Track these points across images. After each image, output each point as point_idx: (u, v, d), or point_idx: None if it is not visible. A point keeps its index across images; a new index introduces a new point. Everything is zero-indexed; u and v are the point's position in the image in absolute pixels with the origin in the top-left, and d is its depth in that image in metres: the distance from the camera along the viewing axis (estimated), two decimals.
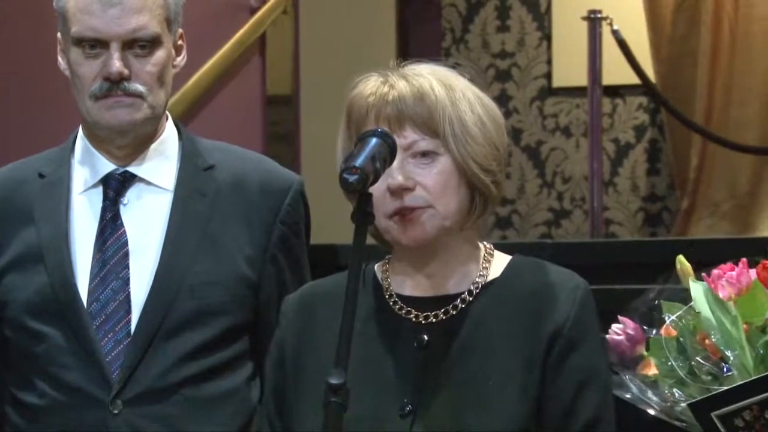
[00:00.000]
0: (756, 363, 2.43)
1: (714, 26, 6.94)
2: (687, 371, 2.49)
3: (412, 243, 2.37)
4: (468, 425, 2.31)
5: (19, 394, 2.77)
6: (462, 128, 2.37)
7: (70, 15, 2.76)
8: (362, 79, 2.42)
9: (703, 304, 2.47)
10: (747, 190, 6.91)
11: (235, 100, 6.12)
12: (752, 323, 2.45)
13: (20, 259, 2.79)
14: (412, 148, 2.35)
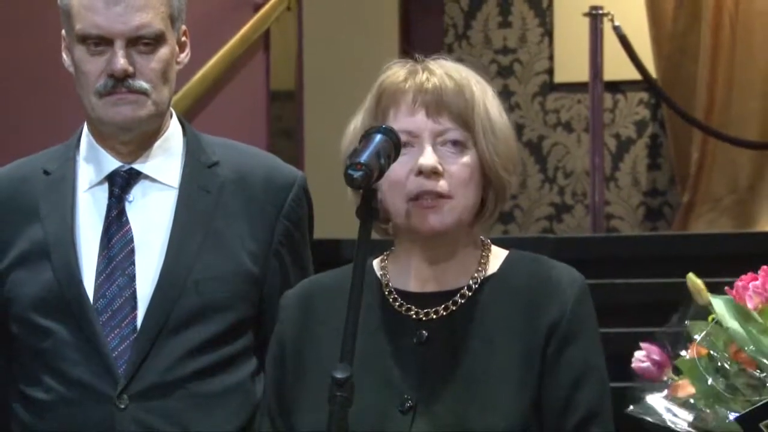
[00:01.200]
0: None
1: (714, 22, 6.94)
2: (725, 387, 2.49)
3: (430, 232, 2.37)
4: (469, 421, 2.31)
5: (26, 390, 2.77)
6: (491, 127, 2.39)
7: (74, 12, 2.76)
8: (392, 66, 2.43)
9: (729, 318, 2.47)
10: (747, 184, 6.91)
11: (239, 96, 6.12)
12: None
13: (26, 256, 2.79)
14: (444, 135, 2.36)
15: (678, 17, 6.98)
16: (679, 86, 6.93)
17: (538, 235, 7.02)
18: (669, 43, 7.02)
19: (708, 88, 6.94)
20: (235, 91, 6.05)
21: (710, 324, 2.48)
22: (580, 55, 6.75)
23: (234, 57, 6.04)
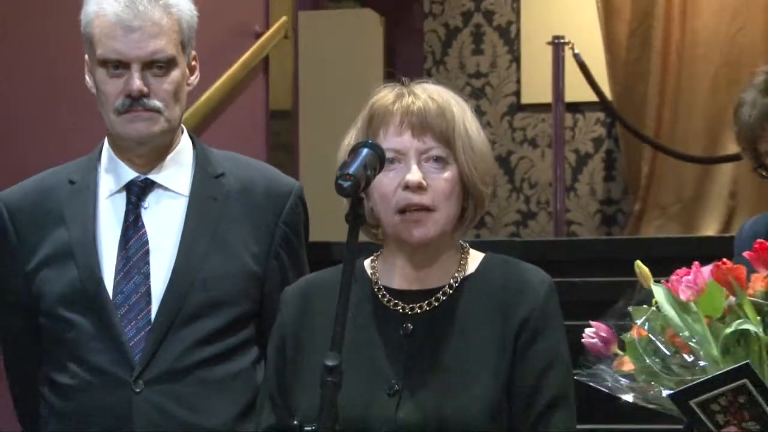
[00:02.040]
0: (722, 353, 2.43)
1: (663, 50, 6.95)
2: (661, 366, 2.49)
3: (416, 243, 2.37)
4: (448, 403, 2.31)
5: (53, 375, 2.77)
6: (470, 144, 2.39)
7: (96, 39, 2.76)
8: (383, 89, 2.43)
9: (667, 306, 2.48)
10: (692, 195, 6.92)
11: (242, 114, 6.12)
12: (712, 317, 2.45)
13: (53, 257, 2.78)
14: (428, 153, 2.36)
15: (631, 46, 6.99)
16: (631, 107, 6.94)
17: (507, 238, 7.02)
18: (623, 69, 7.02)
19: (657, 109, 6.95)
20: (238, 109, 6.05)
21: (650, 310, 2.49)
22: (543, 79, 6.75)
23: (237, 79, 6.04)
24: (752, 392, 2.37)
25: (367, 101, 2.44)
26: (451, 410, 2.30)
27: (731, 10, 6.88)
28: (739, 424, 2.40)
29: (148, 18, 2.74)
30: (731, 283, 2.44)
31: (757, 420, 2.39)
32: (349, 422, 2.18)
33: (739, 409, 2.40)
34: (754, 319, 2.41)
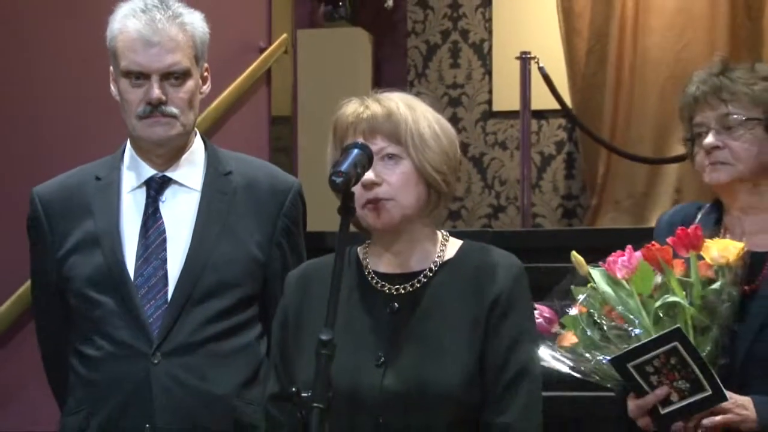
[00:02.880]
0: (653, 323, 2.45)
1: (617, 65, 6.95)
2: (600, 337, 2.50)
3: (381, 227, 2.37)
4: (428, 373, 2.31)
5: (81, 348, 2.77)
6: (420, 139, 2.36)
7: (119, 53, 2.76)
8: (345, 103, 2.42)
9: (603, 285, 2.49)
10: (642, 191, 6.92)
11: (248, 119, 6.12)
12: (643, 293, 2.47)
13: (81, 244, 2.79)
14: (381, 153, 2.35)
15: (589, 60, 6.98)
16: (589, 114, 6.93)
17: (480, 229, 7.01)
18: (581, 81, 7.02)
19: (612, 116, 6.94)
20: (244, 115, 6.05)
21: (589, 289, 2.51)
22: (512, 89, 6.74)
23: (243, 89, 6.04)
24: (682, 353, 2.39)
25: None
26: (430, 379, 2.30)
27: (677, 29, 6.88)
28: (671, 384, 2.42)
29: (166, 34, 2.74)
30: (659, 262, 2.47)
31: (686, 379, 2.41)
32: (341, 389, 2.18)
33: (671, 370, 2.41)
34: (680, 293, 2.44)
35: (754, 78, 2.62)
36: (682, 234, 2.50)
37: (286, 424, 2.40)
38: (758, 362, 2.51)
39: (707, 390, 2.41)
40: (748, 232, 2.61)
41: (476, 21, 7.38)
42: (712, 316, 2.45)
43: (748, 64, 2.71)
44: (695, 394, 2.42)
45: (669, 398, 2.44)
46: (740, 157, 2.58)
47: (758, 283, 2.56)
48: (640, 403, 2.47)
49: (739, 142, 2.58)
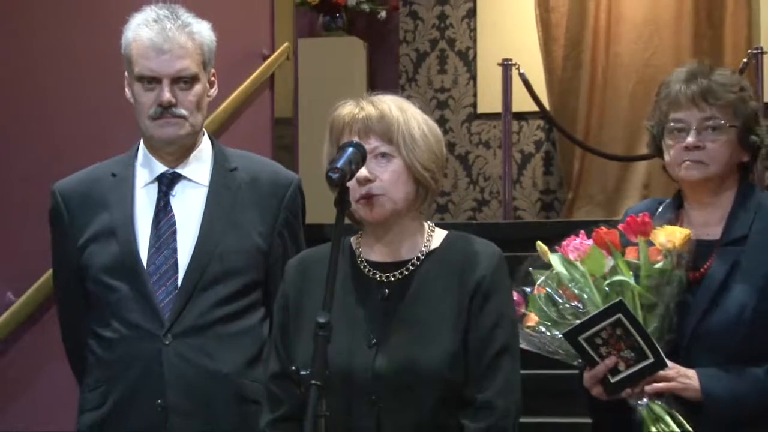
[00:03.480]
0: (602, 301, 2.47)
1: (591, 71, 6.97)
2: (557, 314, 2.52)
3: (374, 220, 2.37)
4: (416, 353, 2.31)
5: (98, 330, 2.76)
6: (411, 139, 2.35)
7: (133, 59, 2.76)
8: (341, 105, 2.41)
9: (560, 267, 2.51)
10: (614, 186, 6.95)
11: (252, 120, 6.12)
12: (595, 274, 2.49)
13: (99, 235, 2.78)
14: (374, 151, 2.34)
15: (565, 67, 7.00)
16: (565, 116, 6.95)
17: (465, 221, 7.03)
18: (558, 86, 7.03)
19: (586, 118, 6.96)
20: (249, 117, 6.05)
21: (548, 272, 2.52)
22: (495, 93, 6.75)
23: (248, 93, 6.03)
24: (626, 324, 2.42)
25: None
26: (418, 360, 2.30)
27: (645, 38, 6.90)
28: (618, 354, 2.45)
29: (176, 42, 2.73)
30: (608, 245, 2.50)
31: (631, 348, 2.44)
32: (336, 368, 2.17)
33: (617, 341, 2.44)
34: (627, 273, 2.47)
35: (736, 86, 2.62)
36: (632, 221, 2.54)
37: (286, 400, 2.39)
38: (703, 340, 2.53)
39: (650, 358, 2.44)
40: (701, 223, 2.64)
41: (462, 31, 7.38)
42: (658, 295, 2.48)
43: (727, 70, 2.71)
44: (639, 362, 2.45)
45: (617, 367, 2.47)
46: (715, 158, 2.58)
47: (706, 269, 2.58)
48: (592, 373, 2.49)
49: (717, 144, 2.58)
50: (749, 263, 2.54)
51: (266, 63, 6.29)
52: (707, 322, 2.52)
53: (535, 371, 3.65)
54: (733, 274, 2.54)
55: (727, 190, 2.63)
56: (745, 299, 2.51)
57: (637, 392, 2.48)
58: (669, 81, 2.65)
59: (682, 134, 2.59)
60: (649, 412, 2.46)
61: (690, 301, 2.53)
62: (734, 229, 2.59)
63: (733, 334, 2.50)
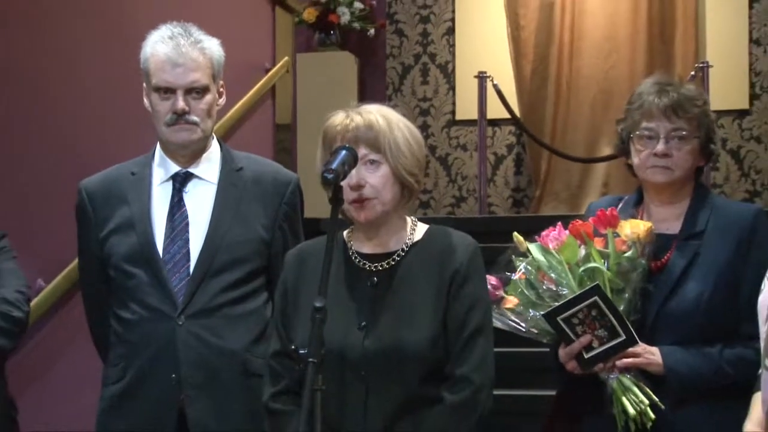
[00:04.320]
0: (578, 284, 2.47)
1: (556, 82, 6.97)
2: (536, 297, 2.53)
3: (364, 221, 2.37)
4: (401, 334, 2.31)
5: (119, 312, 2.76)
6: (396, 147, 2.35)
7: (151, 72, 2.75)
8: (332, 114, 2.41)
9: (539, 255, 2.52)
10: (576, 184, 6.95)
11: (256, 126, 6.11)
12: (570, 261, 2.50)
13: (119, 227, 2.77)
14: (364, 159, 2.33)
15: (533, 79, 7.00)
16: (533, 122, 6.95)
17: (445, 216, 7.03)
18: (527, 95, 7.03)
19: (552, 124, 6.96)
20: (253, 123, 6.04)
21: (527, 259, 2.52)
22: (471, 102, 6.75)
23: (253, 102, 6.02)
24: (601, 306, 2.42)
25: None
26: (403, 339, 2.30)
27: (604, 53, 6.90)
28: (592, 333, 2.46)
29: (189, 57, 2.73)
30: (582, 235, 2.51)
31: (604, 328, 2.45)
32: (331, 348, 2.18)
33: (592, 321, 2.45)
34: (599, 260, 2.49)
35: (700, 100, 2.63)
36: (602, 215, 2.55)
37: (286, 375, 2.40)
38: (664, 321, 2.55)
39: (622, 336, 2.45)
40: (661, 219, 2.65)
41: (442, 47, 7.37)
42: (625, 280, 2.50)
43: (691, 84, 2.73)
44: (612, 339, 2.46)
45: (591, 345, 2.47)
46: (680, 165, 2.61)
47: (666, 260, 2.59)
48: (567, 350, 2.50)
49: (682, 153, 2.60)
50: (706, 256, 2.56)
51: (268, 75, 6.28)
52: (668, 307, 2.54)
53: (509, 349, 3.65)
54: (691, 265, 2.56)
55: (684, 191, 2.66)
56: (702, 288, 2.53)
57: (608, 367, 2.49)
58: (641, 92, 2.65)
59: (652, 141, 2.60)
60: (620, 384, 2.48)
61: (652, 287, 2.55)
62: (692, 225, 2.61)
63: (691, 317, 2.52)
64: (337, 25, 7.05)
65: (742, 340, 2.50)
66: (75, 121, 4.16)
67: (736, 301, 2.52)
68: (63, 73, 4.12)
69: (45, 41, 4.02)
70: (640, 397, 2.46)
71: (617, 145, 2.73)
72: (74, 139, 4.12)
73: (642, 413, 2.45)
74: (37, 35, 3.97)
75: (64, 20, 4.14)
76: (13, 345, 2.73)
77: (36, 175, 3.87)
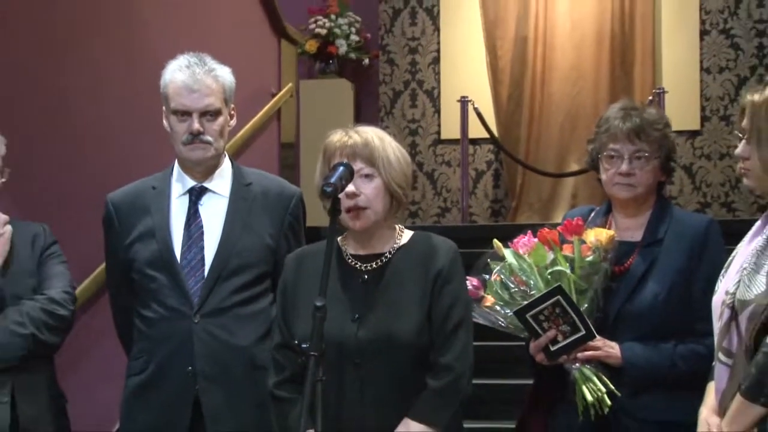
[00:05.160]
0: (545, 286, 2.48)
1: (530, 106, 6.97)
2: (509, 297, 2.53)
3: (359, 228, 2.37)
4: (390, 326, 2.32)
5: (141, 311, 2.76)
6: (388, 163, 2.36)
7: (170, 97, 2.76)
8: (332, 133, 2.41)
9: (512, 259, 2.52)
10: (548, 196, 6.95)
11: (263, 145, 6.11)
12: (539, 265, 2.50)
13: (142, 236, 2.77)
14: (360, 172, 2.34)
15: (509, 103, 7.00)
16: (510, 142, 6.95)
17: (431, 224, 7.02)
18: (504, 117, 7.03)
19: (526, 143, 6.96)
20: (261, 142, 6.04)
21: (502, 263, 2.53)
22: (455, 123, 6.75)
23: (260, 123, 6.02)
24: (563, 304, 2.43)
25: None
26: (392, 330, 2.31)
27: (572, 81, 6.91)
28: (557, 328, 2.47)
29: (203, 84, 2.73)
30: (549, 242, 2.52)
31: (567, 323, 2.46)
32: (328, 338, 2.17)
33: (557, 317, 2.45)
34: (564, 264, 2.48)
35: (661, 123, 2.64)
36: (568, 224, 2.56)
37: (288, 366, 2.40)
38: (624, 319, 2.55)
39: (582, 330, 2.46)
40: (625, 228, 2.66)
41: (429, 74, 7.38)
42: (588, 282, 2.50)
43: (653, 109, 2.74)
44: (573, 334, 2.47)
45: (556, 339, 2.48)
46: (642, 182, 2.62)
47: (629, 264, 2.59)
48: (536, 343, 2.51)
49: (644, 172, 2.62)
50: (664, 261, 2.56)
51: (274, 100, 6.28)
52: (629, 306, 2.54)
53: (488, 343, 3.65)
54: (650, 269, 2.56)
55: (647, 203, 2.66)
56: (659, 289, 2.54)
57: (571, 358, 2.50)
58: (608, 116, 2.66)
59: (617, 161, 2.62)
60: (581, 374, 2.48)
61: (615, 288, 2.56)
62: (653, 234, 2.61)
63: (648, 315, 2.52)
64: (336, 56, 7.06)
65: (695, 337, 2.50)
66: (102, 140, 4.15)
67: (689, 302, 2.52)
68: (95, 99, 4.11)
69: (81, 71, 4.01)
70: (598, 385, 2.46)
71: (588, 162, 2.74)
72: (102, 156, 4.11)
73: (599, 400, 2.45)
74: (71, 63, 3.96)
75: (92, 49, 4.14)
76: (61, 341, 2.72)
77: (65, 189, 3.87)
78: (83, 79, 4.06)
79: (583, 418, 2.47)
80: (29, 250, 2.75)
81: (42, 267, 2.76)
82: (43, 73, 3.81)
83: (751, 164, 2.17)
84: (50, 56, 3.86)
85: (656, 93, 6.30)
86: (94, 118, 4.12)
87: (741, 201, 6.81)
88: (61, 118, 3.89)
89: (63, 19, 3.96)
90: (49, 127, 3.81)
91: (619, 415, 2.48)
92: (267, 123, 6.16)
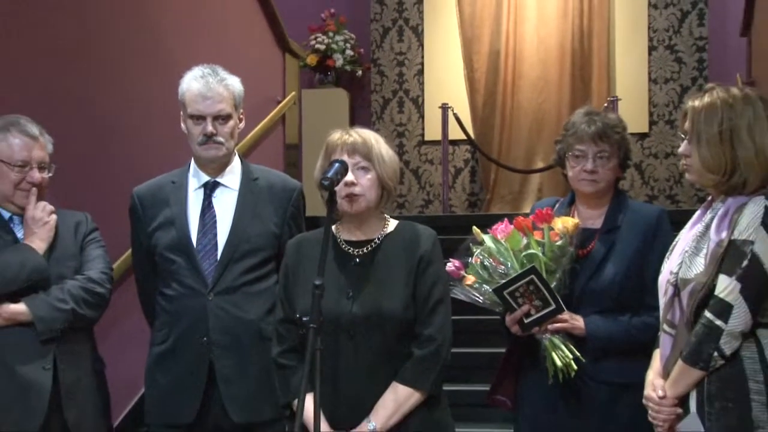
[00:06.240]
0: (519, 267, 2.47)
1: (502, 111, 6.98)
2: (488, 276, 2.52)
3: (353, 212, 2.36)
4: (381, 303, 2.31)
5: (163, 290, 2.75)
6: (382, 158, 2.36)
7: (186, 103, 2.75)
8: (333, 132, 2.41)
9: (491, 244, 2.51)
10: (518, 190, 6.96)
11: (270, 145, 6.08)
12: (514, 248, 2.49)
13: (163, 224, 2.76)
14: (357, 165, 2.34)
15: (485, 109, 7.00)
16: (485, 143, 6.95)
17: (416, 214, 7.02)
18: (480, 122, 7.03)
19: (498, 144, 6.97)
20: (267, 143, 6.01)
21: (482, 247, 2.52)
22: (437, 127, 6.75)
23: (267, 127, 5.99)
24: (536, 282, 2.43)
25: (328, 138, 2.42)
26: (382, 306, 2.30)
27: (538, 90, 6.91)
28: (530, 303, 2.47)
29: (216, 92, 2.72)
30: (524, 229, 2.51)
31: (539, 299, 2.46)
32: (326, 313, 2.17)
33: (530, 294, 2.45)
34: (536, 248, 2.48)
35: (620, 127, 2.64)
36: (539, 213, 2.55)
37: (289, 338, 2.39)
38: (587, 296, 2.56)
39: (552, 305, 2.47)
40: (587, 217, 2.67)
41: (414, 84, 7.37)
42: (557, 263, 2.50)
43: (614, 114, 2.74)
44: (545, 308, 2.46)
45: (530, 312, 2.47)
46: (603, 179, 2.63)
47: (590, 248, 2.59)
48: (512, 317, 2.51)
49: (605, 169, 2.62)
50: (620, 246, 2.58)
51: (279, 106, 6.25)
52: (591, 284, 2.55)
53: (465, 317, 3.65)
54: (609, 252, 2.57)
55: (606, 196, 2.67)
56: (617, 270, 2.55)
57: (542, 330, 2.50)
58: (575, 121, 2.67)
59: (582, 160, 2.63)
60: (551, 342, 2.49)
61: (579, 269, 2.56)
62: (611, 222, 2.63)
63: (608, 292, 2.54)
64: (333, 68, 7.05)
65: (647, 311, 2.51)
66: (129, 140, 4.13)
67: (643, 281, 2.53)
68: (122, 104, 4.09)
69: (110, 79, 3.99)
70: (565, 352, 2.47)
71: (555, 160, 2.75)
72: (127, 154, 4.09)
73: (567, 365, 2.46)
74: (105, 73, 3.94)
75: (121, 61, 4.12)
76: (98, 315, 2.71)
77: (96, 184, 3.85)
78: (114, 88, 4.04)
79: (552, 381, 2.47)
80: (72, 236, 2.73)
81: (83, 251, 2.74)
82: (81, 83, 3.79)
83: (692, 161, 2.20)
84: (86, 68, 3.83)
85: (611, 100, 6.32)
86: (123, 123, 4.10)
87: (683, 194, 6.83)
88: (92, 123, 3.87)
89: (97, 36, 3.94)
90: (82, 130, 3.79)
91: (583, 378, 2.49)
92: (273, 126, 6.14)
